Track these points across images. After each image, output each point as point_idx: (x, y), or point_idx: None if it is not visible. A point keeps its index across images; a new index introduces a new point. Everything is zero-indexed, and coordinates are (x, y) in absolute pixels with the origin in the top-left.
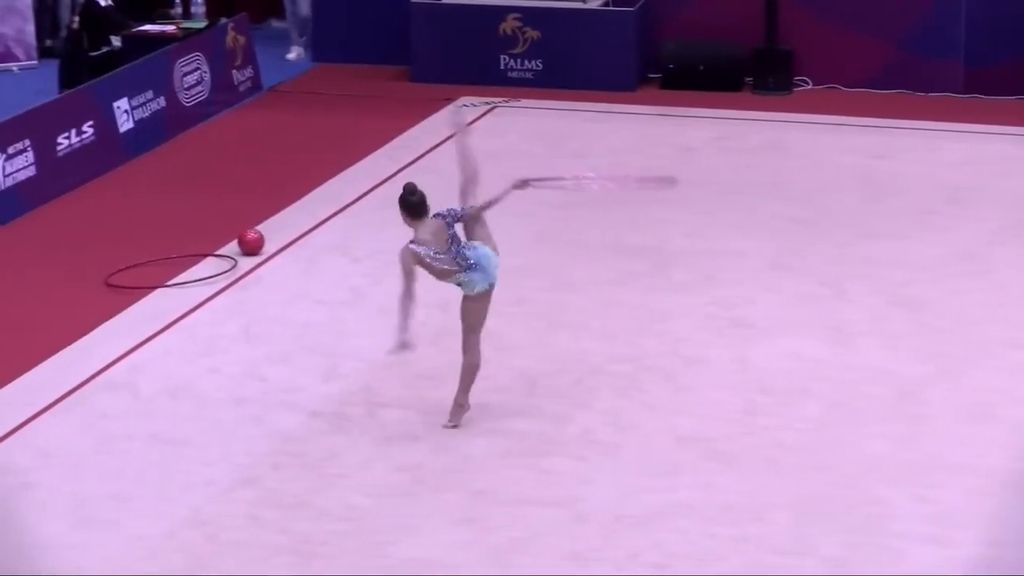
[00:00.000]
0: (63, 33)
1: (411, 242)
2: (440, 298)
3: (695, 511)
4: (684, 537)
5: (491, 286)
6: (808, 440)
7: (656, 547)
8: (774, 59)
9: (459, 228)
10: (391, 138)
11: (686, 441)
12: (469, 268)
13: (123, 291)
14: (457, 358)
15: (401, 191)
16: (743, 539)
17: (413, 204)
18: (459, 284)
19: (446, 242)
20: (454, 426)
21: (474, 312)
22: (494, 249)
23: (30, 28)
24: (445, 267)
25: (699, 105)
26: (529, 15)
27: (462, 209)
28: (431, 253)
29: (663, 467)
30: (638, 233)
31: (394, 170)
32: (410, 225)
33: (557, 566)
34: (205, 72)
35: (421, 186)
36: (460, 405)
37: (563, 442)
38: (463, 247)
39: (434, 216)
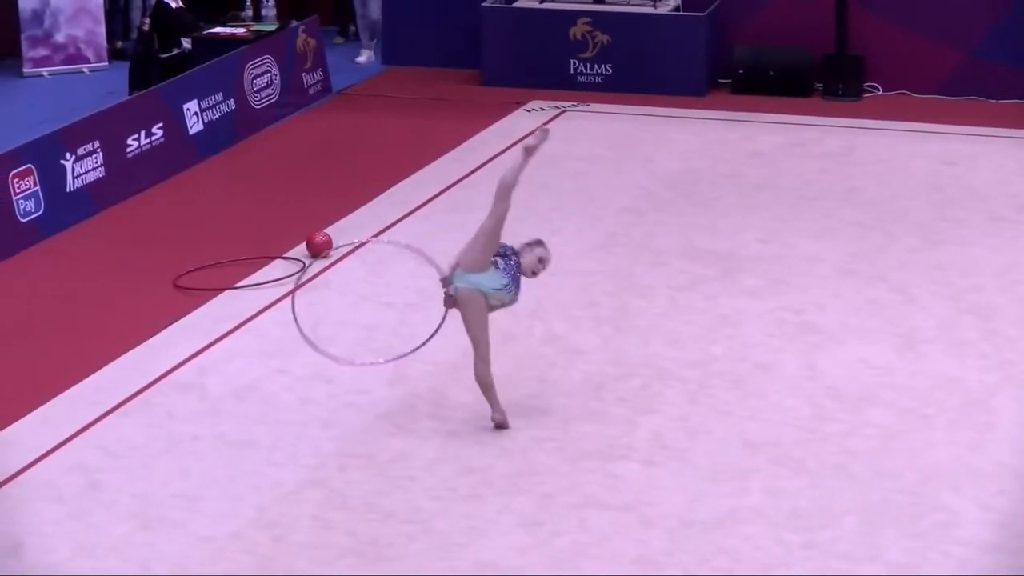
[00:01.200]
0: (134, 35)
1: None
2: None
3: (763, 517)
4: (752, 543)
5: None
6: (876, 446)
7: (724, 553)
8: (845, 65)
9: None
10: (460, 141)
11: (755, 446)
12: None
13: (191, 293)
14: (523, 361)
15: None
16: (810, 545)
17: None
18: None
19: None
20: (500, 426)
21: (471, 327)
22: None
23: (101, 30)
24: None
25: (769, 110)
26: (600, 19)
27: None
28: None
29: (731, 472)
30: (708, 238)
31: (463, 173)
32: None
33: (624, 571)
34: (275, 75)
35: (490, 189)
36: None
37: (631, 447)
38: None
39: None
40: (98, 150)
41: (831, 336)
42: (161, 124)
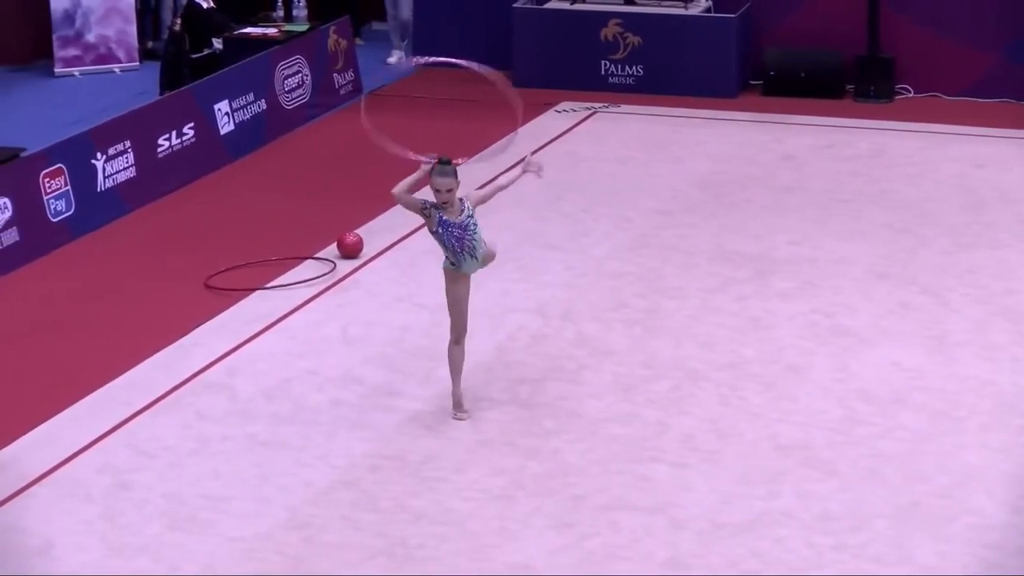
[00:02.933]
0: (165, 35)
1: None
2: (538, 303)
3: (794, 519)
4: (782, 545)
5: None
6: (908, 449)
7: (754, 555)
8: (876, 67)
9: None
10: (491, 142)
11: (786, 449)
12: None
13: (222, 293)
14: (554, 362)
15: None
16: (841, 548)
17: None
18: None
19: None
20: (459, 418)
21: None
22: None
23: (132, 30)
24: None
25: (800, 112)
26: (631, 21)
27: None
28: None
29: (762, 475)
30: (739, 240)
31: (494, 174)
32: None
33: (654, 572)
34: (306, 75)
35: (520, 190)
36: (456, 395)
37: (661, 448)
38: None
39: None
40: (129, 150)
41: (862, 339)
42: (192, 124)
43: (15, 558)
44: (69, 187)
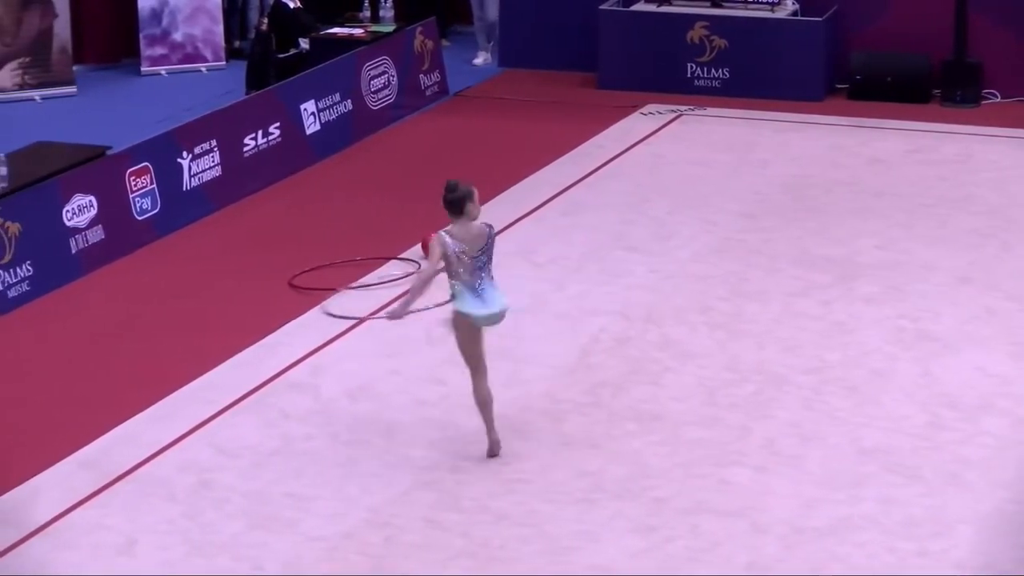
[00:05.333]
0: (251, 35)
1: (445, 231)
2: (622, 305)
3: (877, 524)
4: (865, 550)
5: (480, 319)
6: (991, 455)
7: (836, 560)
8: (963, 71)
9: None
10: (576, 144)
11: (868, 454)
12: (475, 289)
13: (307, 292)
14: (637, 365)
15: (444, 186)
16: (924, 553)
17: (448, 201)
18: (453, 293)
19: (479, 251)
20: (493, 455)
21: (463, 344)
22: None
23: (219, 29)
24: (460, 270)
25: (886, 117)
26: (717, 23)
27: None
28: (458, 250)
29: (845, 479)
30: (824, 244)
31: (578, 176)
32: (451, 220)
33: None
34: (392, 76)
35: (605, 192)
36: (490, 435)
37: (744, 452)
38: (486, 273)
39: (484, 223)
40: (215, 149)
41: (947, 344)
42: (278, 124)
43: (98, 556)
44: (155, 186)
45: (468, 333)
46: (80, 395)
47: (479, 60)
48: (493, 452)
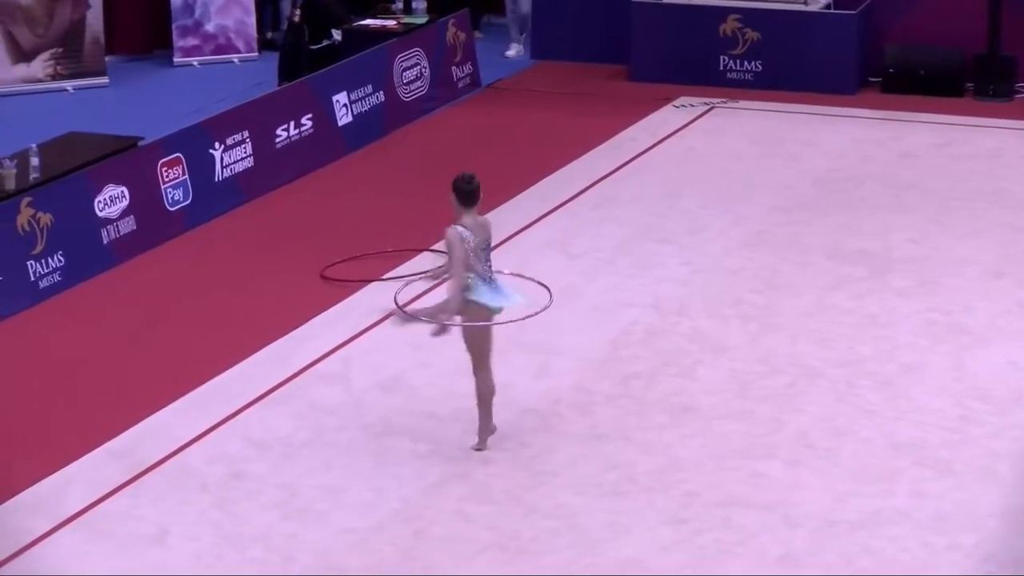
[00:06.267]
0: (284, 26)
1: (461, 224)
2: (654, 298)
3: (908, 518)
4: (897, 544)
5: (492, 311)
6: (1022, 449)
7: (868, 553)
8: (996, 65)
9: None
10: (608, 137)
11: (901, 447)
12: (488, 280)
13: (338, 284)
14: (667, 357)
15: (459, 177)
16: (955, 547)
17: (466, 192)
18: (468, 285)
19: (485, 241)
20: (479, 449)
21: (475, 337)
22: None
23: (251, 20)
24: (474, 262)
25: (919, 110)
26: (750, 16)
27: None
28: (471, 239)
29: (877, 473)
30: (857, 237)
31: (610, 169)
32: (457, 212)
33: (767, 570)
34: (424, 68)
35: (637, 185)
36: (483, 428)
37: (775, 445)
38: (491, 264)
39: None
40: (247, 140)
41: (980, 338)
42: (310, 115)
43: (130, 546)
44: (187, 176)
45: (482, 328)
46: (111, 386)
47: (511, 52)
48: (481, 447)
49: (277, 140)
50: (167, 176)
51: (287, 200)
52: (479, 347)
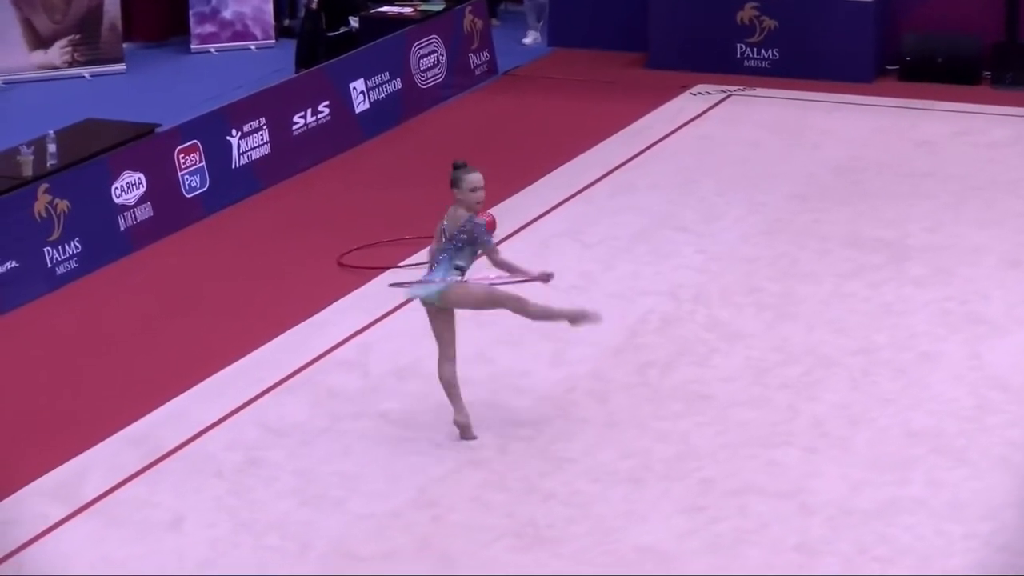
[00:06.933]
0: (301, 13)
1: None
2: (670, 286)
3: (924, 506)
4: (912, 532)
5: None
6: None
7: (884, 542)
8: (1014, 53)
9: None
10: (626, 124)
11: (917, 436)
12: (433, 265)
13: (355, 271)
14: (684, 345)
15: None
16: (971, 536)
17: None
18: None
19: (456, 230)
20: (468, 438)
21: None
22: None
23: (268, 7)
24: (438, 244)
25: (936, 98)
26: (767, 4)
27: (485, 238)
28: (443, 224)
29: (893, 461)
30: (874, 226)
31: (628, 156)
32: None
33: (783, 558)
34: (441, 55)
35: (654, 173)
36: (455, 422)
37: (792, 433)
38: (457, 257)
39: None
40: (264, 127)
41: (996, 326)
42: (327, 102)
43: (146, 532)
44: (204, 163)
45: (437, 316)
46: (128, 372)
47: (528, 40)
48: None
49: (294, 127)
50: (184, 163)
51: (304, 187)
52: (440, 334)
